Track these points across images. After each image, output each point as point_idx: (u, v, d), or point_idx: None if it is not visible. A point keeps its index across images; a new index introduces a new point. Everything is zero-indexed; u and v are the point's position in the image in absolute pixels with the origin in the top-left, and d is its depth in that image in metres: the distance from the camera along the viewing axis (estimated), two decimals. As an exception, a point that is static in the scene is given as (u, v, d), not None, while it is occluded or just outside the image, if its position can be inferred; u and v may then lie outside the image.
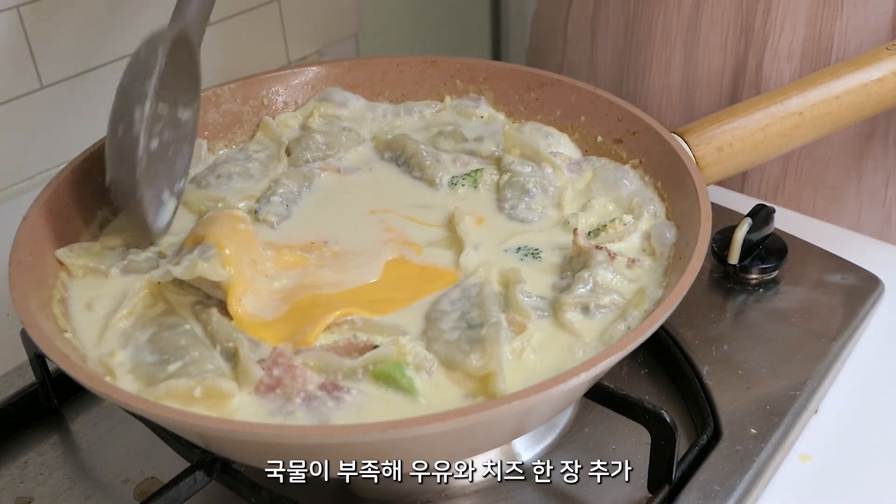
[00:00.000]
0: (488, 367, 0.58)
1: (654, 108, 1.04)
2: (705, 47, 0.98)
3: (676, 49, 1.00)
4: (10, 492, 0.68)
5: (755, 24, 0.95)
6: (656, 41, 1.00)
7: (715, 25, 0.97)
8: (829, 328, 0.78)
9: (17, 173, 0.93)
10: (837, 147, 0.97)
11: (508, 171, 0.76)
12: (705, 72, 1.00)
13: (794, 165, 0.99)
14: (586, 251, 0.67)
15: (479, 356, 0.59)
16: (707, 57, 0.99)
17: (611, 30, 1.05)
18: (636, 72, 1.04)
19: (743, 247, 0.81)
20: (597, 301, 0.63)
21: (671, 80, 1.02)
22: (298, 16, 1.13)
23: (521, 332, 0.61)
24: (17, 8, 0.87)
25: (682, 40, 0.99)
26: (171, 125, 0.70)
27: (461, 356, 0.59)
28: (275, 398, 0.56)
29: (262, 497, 0.61)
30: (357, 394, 0.57)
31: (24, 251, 0.63)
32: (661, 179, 0.74)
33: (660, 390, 0.75)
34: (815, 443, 0.71)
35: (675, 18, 0.99)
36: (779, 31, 0.94)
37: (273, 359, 0.58)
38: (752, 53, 0.96)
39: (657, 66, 1.02)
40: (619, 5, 1.03)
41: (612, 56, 1.06)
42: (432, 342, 0.61)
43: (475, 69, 0.87)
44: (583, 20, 1.08)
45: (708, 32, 0.97)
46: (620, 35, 1.04)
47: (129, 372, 0.59)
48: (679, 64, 1.00)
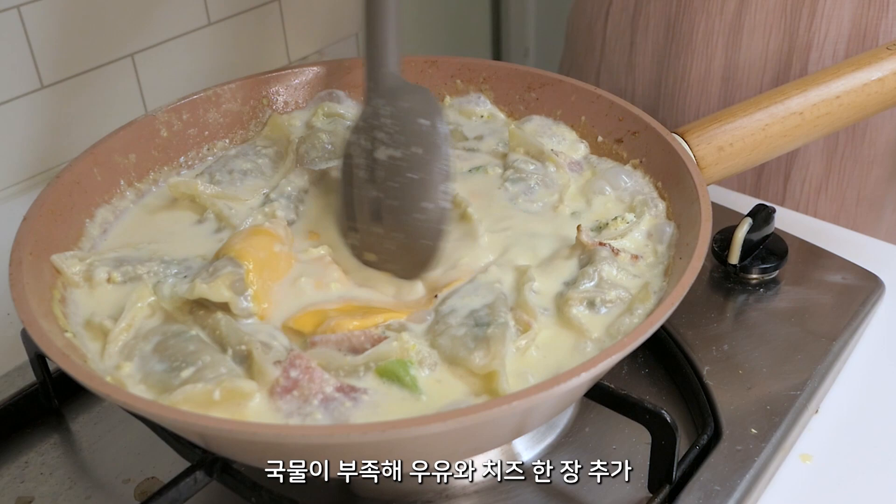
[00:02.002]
0: (491, 365, 0.58)
1: (691, 111, 1.03)
2: (747, 51, 0.98)
3: (717, 52, 0.99)
4: (11, 491, 0.68)
5: (800, 28, 0.94)
6: (697, 44, 1.00)
7: (757, 29, 0.96)
8: (829, 328, 0.78)
9: (17, 173, 0.93)
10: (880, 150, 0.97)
11: (512, 167, 0.77)
12: (745, 76, 0.99)
13: (836, 167, 0.99)
14: (590, 247, 0.67)
15: (482, 354, 0.59)
16: (748, 61, 0.98)
17: (651, 31, 1.05)
18: (675, 74, 1.03)
19: (743, 247, 0.81)
20: (602, 296, 0.64)
21: (710, 83, 1.01)
22: (299, 16, 1.13)
23: (527, 331, 0.61)
24: (18, 8, 0.87)
25: (724, 44, 0.98)
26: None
27: (465, 352, 0.59)
28: (291, 399, 0.56)
29: (262, 497, 0.61)
30: (373, 393, 0.57)
31: (25, 251, 0.63)
32: (661, 179, 0.74)
33: (660, 390, 0.75)
34: (815, 443, 0.71)
35: (718, 22, 0.98)
36: (823, 33, 0.93)
37: (290, 360, 0.57)
38: (796, 57, 0.95)
39: (696, 69, 1.01)
40: (660, 7, 1.03)
41: (652, 58, 1.06)
42: (438, 336, 0.61)
43: (475, 69, 0.87)
44: (623, 21, 1.08)
45: (750, 37, 0.97)
46: (661, 37, 1.04)
47: (140, 382, 0.58)
48: (719, 67, 1.00)
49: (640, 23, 1.05)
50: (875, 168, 0.99)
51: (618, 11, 1.08)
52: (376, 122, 0.68)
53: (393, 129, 0.67)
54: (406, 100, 0.69)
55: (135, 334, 0.62)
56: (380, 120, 0.68)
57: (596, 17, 1.11)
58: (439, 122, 0.67)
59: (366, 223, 0.68)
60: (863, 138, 0.97)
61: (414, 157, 0.66)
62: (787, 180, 1.01)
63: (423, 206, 0.66)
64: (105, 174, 0.73)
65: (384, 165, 0.67)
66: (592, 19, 1.12)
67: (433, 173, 0.66)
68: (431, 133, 0.66)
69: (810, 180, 1.00)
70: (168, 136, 0.78)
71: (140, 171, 0.76)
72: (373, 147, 0.67)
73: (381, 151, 0.67)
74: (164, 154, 0.78)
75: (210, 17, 1.04)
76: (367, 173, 0.67)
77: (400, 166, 0.66)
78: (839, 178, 0.99)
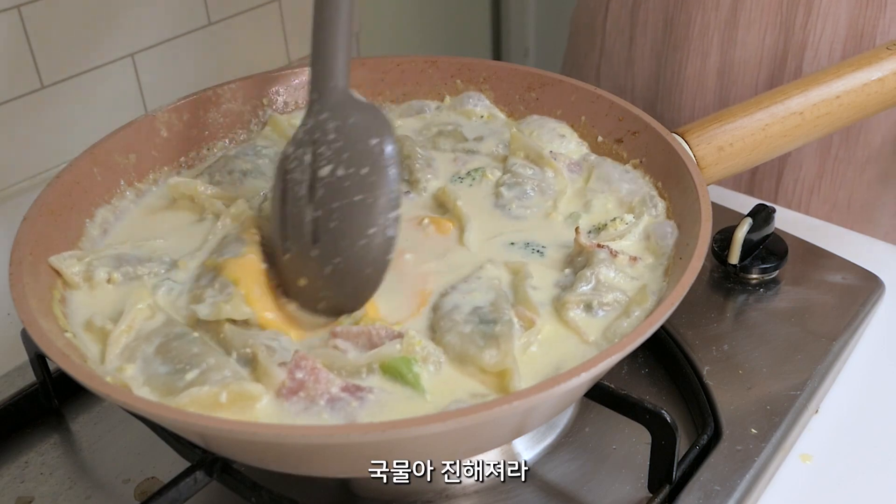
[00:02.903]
0: (504, 363, 0.58)
1: (687, 107, 1.03)
2: (742, 46, 0.98)
3: (713, 48, 0.99)
4: (11, 491, 0.68)
5: (795, 25, 0.94)
6: (693, 39, 1.00)
7: (753, 25, 0.96)
8: (830, 328, 0.78)
9: (17, 173, 0.93)
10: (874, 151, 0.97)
11: (509, 171, 0.77)
12: (741, 72, 0.99)
13: (829, 168, 0.99)
14: (588, 249, 0.67)
15: (494, 353, 0.59)
16: (743, 57, 0.98)
17: (650, 26, 1.05)
18: (672, 68, 1.03)
19: (743, 247, 0.81)
20: (599, 299, 0.63)
21: (706, 79, 1.01)
22: (298, 16, 1.13)
23: (530, 328, 0.62)
24: (18, 8, 0.87)
25: (719, 39, 0.98)
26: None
27: (475, 350, 0.59)
28: (298, 401, 0.56)
29: (262, 497, 0.61)
30: (379, 392, 0.57)
31: (25, 251, 0.63)
32: (661, 179, 0.74)
33: (660, 390, 0.75)
34: (815, 443, 0.71)
35: (713, 16, 0.98)
36: (819, 31, 0.93)
37: (296, 361, 0.57)
38: (791, 54, 0.95)
39: (693, 64, 1.01)
40: (658, 2, 1.03)
41: (650, 51, 1.06)
42: (445, 333, 0.61)
43: (475, 69, 0.87)
44: (622, 16, 1.08)
45: (746, 32, 0.97)
46: (659, 32, 1.04)
47: (145, 384, 0.58)
48: (715, 62, 1.00)
49: (639, 18, 1.05)
50: (868, 169, 0.98)
51: (617, 7, 1.08)
52: (320, 137, 0.63)
53: (337, 145, 0.62)
54: (354, 116, 0.64)
55: (136, 336, 0.62)
56: (325, 135, 0.63)
57: (596, 12, 1.11)
58: (389, 143, 0.62)
59: (301, 245, 0.62)
60: (857, 139, 0.97)
61: (360, 178, 0.61)
62: (779, 180, 1.02)
63: (367, 233, 0.61)
64: (105, 174, 0.73)
65: (326, 184, 0.61)
66: (593, 15, 1.12)
67: (379, 197, 0.61)
68: (380, 154, 0.61)
69: (803, 180, 1.01)
70: (168, 136, 0.78)
71: (140, 171, 0.76)
72: (314, 162, 0.62)
73: (325, 169, 0.62)
74: (164, 154, 0.78)
75: (210, 17, 1.04)
76: (308, 191, 0.62)
77: (344, 186, 0.61)
78: (832, 178, 0.99)
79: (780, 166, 1.01)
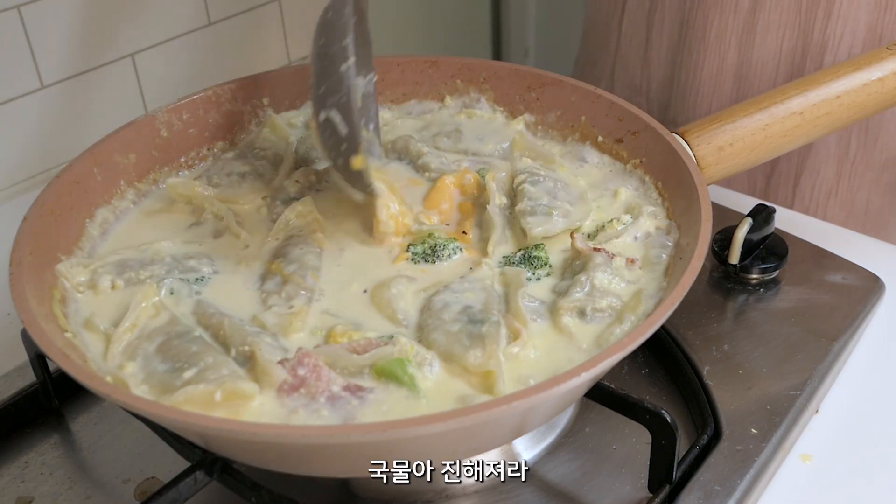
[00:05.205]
0: (488, 364, 0.58)
1: (702, 109, 1.03)
2: (760, 50, 0.97)
3: (730, 50, 0.99)
4: (11, 491, 0.68)
5: (814, 30, 0.93)
6: (710, 42, 0.99)
7: (771, 29, 0.96)
8: (830, 328, 0.78)
9: (18, 173, 0.93)
10: (892, 155, 0.97)
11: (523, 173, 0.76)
12: (758, 75, 0.99)
13: (847, 172, 0.99)
14: (585, 254, 0.67)
15: (479, 353, 0.59)
16: (761, 60, 0.98)
17: (666, 27, 1.04)
18: (688, 70, 1.03)
19: (743, 247, 0.81)
20: (593, 305, 0.63)
21: (723, 81, 1.01)
22: (298, 16, 1.13)
23: (516, 339, 0.61)
24: (18, 8, 0.87)
25: (737, 42, 0.98)
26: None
27: (461, 349, 0.59)
28: (298, 397, 0.57)
29: (262, 497, 0.61)
30: (379, 392, 0.58)
31: (25, 251, 0.63)
32: (661, 179, 0.74)
33: (660, 390, 0.75)
34: (815, 443, 0.71)
35: (731, 20, 0.98)
36: (839, 34, 0.93)
37: (298, 358, 0.58)
38: (809, 58, 0.95)
39: (709, 66, 1.01)
40: (675, 3, 1.02)
41: (666, 53, 1.06)
42: (432, 331, 0.61)
43: (476, 69, 0.87)
44: (638, 17, 1.07)
45: (763, 36, 0.96)
46: (675, 33, 1.04)
47: (143, 382, 0.58)
48: (732, 65, 1.00)
49: (655, 18, 1.05)
50: (886, 174, 0.98)
51: (633, 7, 1.08)
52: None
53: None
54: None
55: (139, 334, 0.62)
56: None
57: (612, 12, 1.11)
58: (332, 13, 0.66)
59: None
60: (875, 143, 0.96)
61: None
62: (796, 185, 1.01)
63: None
64: (105, 174, 0.73)
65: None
66: (608, 14, 1.12)
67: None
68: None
69: (821, 185, 1.00)
70: (168, 136, 0.78)
71: (140, 171, 0.76)
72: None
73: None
74: (164, 154, 0.78)
75: (210, 17, 1.04)
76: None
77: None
78: (850, 183, 0.99)
79: (798, 172, 1.00)
